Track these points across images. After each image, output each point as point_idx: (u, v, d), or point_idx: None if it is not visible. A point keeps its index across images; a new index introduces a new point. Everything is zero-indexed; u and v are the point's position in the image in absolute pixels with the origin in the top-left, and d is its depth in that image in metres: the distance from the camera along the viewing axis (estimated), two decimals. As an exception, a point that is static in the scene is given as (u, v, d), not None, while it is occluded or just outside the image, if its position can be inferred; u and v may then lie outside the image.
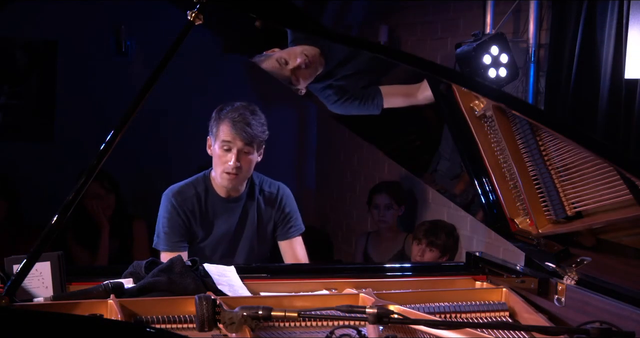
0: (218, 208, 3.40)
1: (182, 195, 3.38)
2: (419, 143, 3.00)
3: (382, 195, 5.24)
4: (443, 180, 3.04)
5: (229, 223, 3.41)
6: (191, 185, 3.42)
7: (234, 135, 3.25)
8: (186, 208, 3.36)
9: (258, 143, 3.32)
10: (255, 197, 3.44)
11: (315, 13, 5.94)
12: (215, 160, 3.33)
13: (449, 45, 5.10)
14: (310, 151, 7.26)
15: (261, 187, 3.46)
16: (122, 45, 6.28)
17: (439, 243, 4.49)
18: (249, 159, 3.30)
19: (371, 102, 2.78)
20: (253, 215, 3.43)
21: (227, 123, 3.26)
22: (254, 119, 3.29)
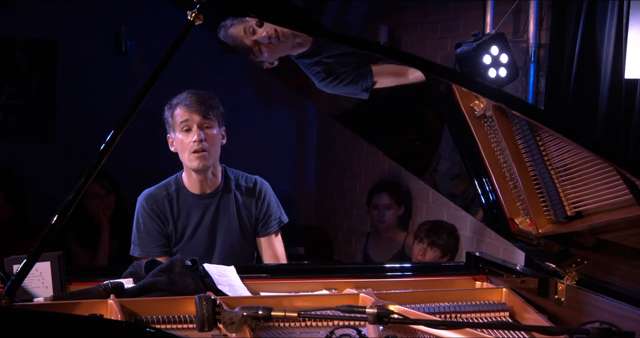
0: (192, 206, 3.37)
1: (153, 197, 3.37)
2: (419, 143, 3.00)
3: (382, 196, 5.24)
4: (443, 180, 3.04)
5: (205, 221, 3.38)
6: (162, 187, 3.41)
7: (189, 112, 3.27)
8: (158, 211, 3.34)
9: (216, 116, 3.31)
10: (232, 191, 3.40)
11: (315, 13, 5.94)
12: (180, 147, 3.32)
13: (449, 45, 5.10)
14: (310, 151, 7.26)
15: (237, 182, 3.43)
16: (122, 45, 6.28)
17: (440, 243, 4.50)
18: (212, 134, 3.28)
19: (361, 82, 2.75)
20: (232, 210, 3.40)
21: (180, 105, 3.29)
22: (205, 94, 3.33)
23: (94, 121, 5.31)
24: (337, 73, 2.76)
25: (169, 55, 2.40)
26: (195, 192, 3.38)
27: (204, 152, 3.27)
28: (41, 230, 2.26)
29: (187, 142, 3.28)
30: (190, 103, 3.28)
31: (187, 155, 3.29)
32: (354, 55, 2.74)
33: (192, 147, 3.27)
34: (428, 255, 4.50)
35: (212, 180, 3.38)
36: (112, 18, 6.25)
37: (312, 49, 2.75)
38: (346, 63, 2.75)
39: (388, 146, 3.18)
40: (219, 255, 3.37)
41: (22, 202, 5.07)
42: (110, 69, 6.33)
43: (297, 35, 2.72)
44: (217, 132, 3.31)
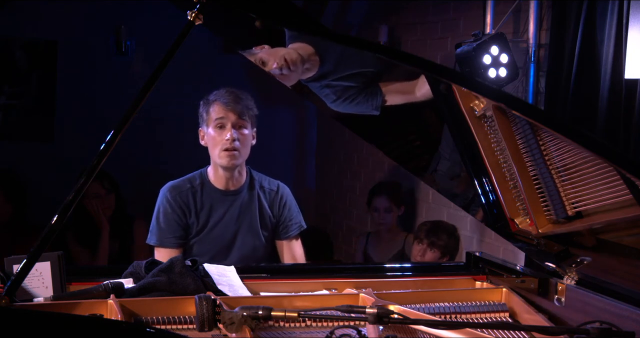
0: (215, 201, 3.41)
1: (177, 189, 3.40)
2: (419, 143, 3.00)
3: (382, 198, 5.24)
4: (443, 180, 3.04)
5: (228, 217, 3.41)
6: (187, 180, 3.45)
7: (225, 110, 3.31)
8: (181, 202, 3.38)
9: (250, 117, 3.36)
10: (256, 191, 3.45)
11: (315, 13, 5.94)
12: (211, 143, 3.36)
13: (449, 45, 5.10)
14: (310, 151, 7.26)
15: (261, 183, 3.48)
16: (122, 45, 6.28)
17: (440, 243, 4.49)
18: (244, 134, 3.34)
19: (371, 101, 2.78)
20: (254, 209, 3.43)
21: (217, 102, 3.34)
22: (242, 94, 3.38)
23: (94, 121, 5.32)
24: (346, 94, 2.80)
25: (169, 55, 2.40)
26: (220, 187, 3.42)
27: (235, 151, 3.32)
28: (41, 230, 2.26)
29: (219, 139, 3.32)
30: (227, 101, 3.33)
31: (218, 151, 3.33)
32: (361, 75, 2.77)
33: (224, 144, 3.31)
34: (427, 255, 4.50)
35: (237, 178, 3.42)
36: (112, 18, 6.25)
37: (320, 73, 2.78)
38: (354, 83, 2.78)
39: (388, 146, 3.18)
40: (237, 253, 3.41)
41: (22, 202, 5.07)
42: (110, 69, 6.33)
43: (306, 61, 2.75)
44: (249, 132, 3.37)
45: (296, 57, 2.74)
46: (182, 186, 3.42)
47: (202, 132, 3.41)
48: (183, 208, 3.38)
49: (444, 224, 4.70)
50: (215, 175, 3.42)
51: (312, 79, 2.81)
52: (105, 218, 4.83)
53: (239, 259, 3.34)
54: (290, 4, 2.49)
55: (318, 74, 2.79)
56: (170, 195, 3.39)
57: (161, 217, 3.39)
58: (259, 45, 2.80)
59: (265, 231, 3.46)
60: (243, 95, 3.39)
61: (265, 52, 2.81)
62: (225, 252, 3.39)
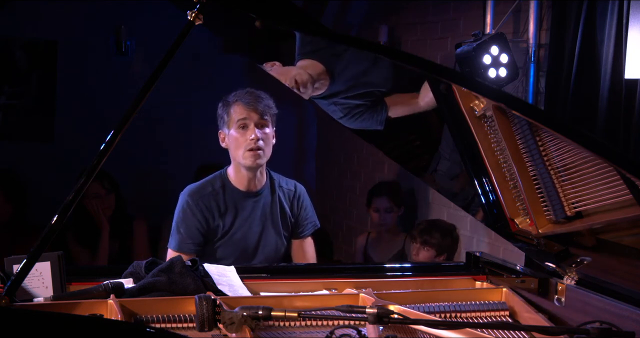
0: (240, 202, 3.39)
1: (199, 193, 3.37)
2: (419, 143, 3.00)
3: (382, 199, 5.23)
4: (443, 180, 3.04)
5: (252, 218, 3.39)
6: (208, 183, 3.42)
7: (248, 110, 3.30)
8: (203, 206, 3.35)
9: (271, 116, 3.36)
10: (276, 192, 3.45)
11: (315, 13, 5.94)
12: (234, 144, 3.33)
13: (449, 45, 5.10)
14: (310, 151, 7.26)
15: (279, 183, 3.48)
16: (122, 45, 6.28)
17: (433, 242, 4.50)
18: (267, 134, 3.32)
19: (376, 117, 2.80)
20: (276, 210, 3.43)
21: (239, 103, 3.33)
22: (262, 94, 3.38)
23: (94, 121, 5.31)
24: (354, 112, 2.82)
25: (169, 55, 2.40)
26: (242, 188, 3.39)
27: (259, 150, 3.30)
28: (41, 230, 2.26)
29: (242, 140, 3.30)
30: (249, 101, 3.32)
31: (242, 152, 3.31)
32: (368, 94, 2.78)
33: (248, 144, 3.29)
34: (421, 254, 4.51)
35: (259, 179, 3.41)
36: (112, 18, 6.25)
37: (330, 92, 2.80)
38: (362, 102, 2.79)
39: (388, 146, 3.18)
40: (262, 253, 3.40)
41: (22, 202, 5.07)
42: (110, 69, 6.33)
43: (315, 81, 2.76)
44: (271, 131, 3.36)
45: (307, 78, 2.76)
46: (203, 190, 3.38)
47: (223, 134, 3.38)
48: (204, 213, 3.35)
49: (440, 223, 4.70)
50: (237, 176, 3.39)
51: (320, 96, 2.83)
52: (105, 218, 4.83)
53: (263, 260, 3.35)
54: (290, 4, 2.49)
55: (328, 93, 2.81)
56: (191, 200, 3.36)
57: (181, 222, 3.36)
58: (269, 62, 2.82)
59: (286, 231, 3.47)
60: (263, 95, 3.38)
61: (275, 71, 2.84)
62: (250, 254, 3.37)
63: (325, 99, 2.83)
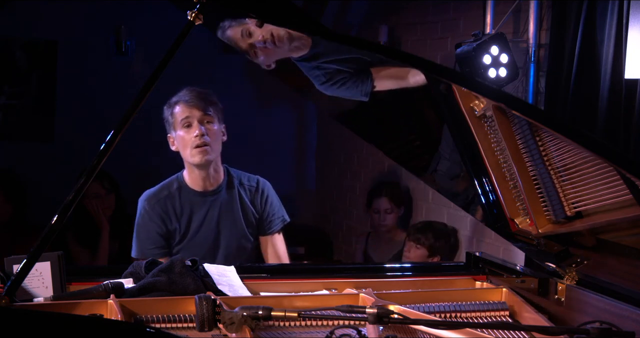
0: (195, 204, 3.37)
1: (155, 197, 3.37)
2: (419, 143, 3.00)
3: (382, 200, 5.23)
4: (443, 180, 3.04)
5: (209, 218, 3.37)
6: (164, 186, 3.41)
7: (189, 108, 3.28)
8: (160, 210, 3.34)
9: (216, 112, 3.32)
10: (235, 189, 3.41)
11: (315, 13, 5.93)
12: (181, 144, 3.31)
13: (449, 45, 5.10)
14: (310, 151, 7.26)
15: (240, 180, 3.44)
16: (122, 45, 6.28)
17: (424, 242, 4.52)
18: (213, 129, 3.29)
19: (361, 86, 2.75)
20: (236, 207, 3.40)
21: (180, 103, 3.30)
22: (203, 90, 3.34)
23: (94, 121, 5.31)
24: (336, 78, 2.77)
25: (169, 55, 2.40)
26: (198, 189, 3.38)
27: (205, 146, 3.27)
28: (41, 230, 2.26)
29: (188, 138, 3.28)
30: (189, 99, 3.29)
31: (189, 150, 3.29)
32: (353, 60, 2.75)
33: (193, 142, 3.27)
34: (412, 252, 4.53)
35: (215, 177, 3.38)
36: (112, 18, 6.25)
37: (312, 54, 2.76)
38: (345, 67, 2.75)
39: (388, 146, 3.18)
40: (223, 253, 3.38)
41: (22, 202, 5.07)
42: (110, 69, 6.33)
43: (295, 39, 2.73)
44: (218, 127, 3.32)
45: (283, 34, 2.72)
46: (159, 194, 3.38)
47: (172, 138, 3.37)
48: (162, 217, 3.34)
49: (436, 225, 4.71)
50: (191, 177, 3.38)
51: (303, 58, 2.78)
52: (105, 218, 4.83)
53: (225, 259, 3.29)
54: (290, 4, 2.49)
55: (309, 54, 2.77)
56: (148, 205, 3.36)
57: (141, 229, 3.36)
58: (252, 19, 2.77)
59: (251, 228, 3.43)
60: (205, 91, 3.35)
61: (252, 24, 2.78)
62: (211, 254, 3.34)
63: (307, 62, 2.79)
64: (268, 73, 2.94)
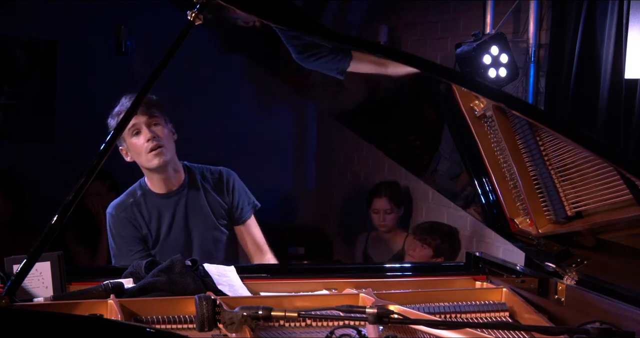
0: (161, 206, 3.36)
1: (121, 206, 3.36)
2: (419, 143, 3.00)
3: (382, 200, 5.23)
4: (443, 180, 3.04)
5: (177, 218, 3.36)
6: (128, 194, 3.40)
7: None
8: (129, 218, 3.33)
9: (161, 113, 3.29)
10: (199, 184, 3.39)
11: (315, 13, 5.94)
12: (135, 152, 3.28)
13: (449, 45, 5.10)
14: (310, 151, 7.26)
15: (202, 175, 3.42)
16: (122, 45, 6.28)
17: (431, 242, 4.51)
18: (162, 130, 3.27)
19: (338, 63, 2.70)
20: (202, 203, 3.38)
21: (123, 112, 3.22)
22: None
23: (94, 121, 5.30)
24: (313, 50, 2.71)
25: (169, 55, 2.40)
26: (161, 191, 3.36)
27: (160, 147, 3.25)
28: (41, 230, 2.26)
29: (140, 145, 3.26)
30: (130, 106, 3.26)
31: (144, 156, 3.26)
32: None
33: (147, 147, 3.25)
34: (417, 251, 4.52)
35: (175, 177, 3.37)
36: (112, 18, 6.25)
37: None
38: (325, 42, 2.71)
39: (388, 146, 3.18)
40: (198, 250, 3.36)
41: (22, 202, 5.08)
42: (110, 69, 6.33)
43: None
44: (166, 128, 3.30)
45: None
46: (124, 202, 3.37)
47: (124, 150, 3.33)
48: (133, 223, 3.33)
49: (443, 227, 4.71)
50: (152, 182, 3.36)
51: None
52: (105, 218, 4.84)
53: (204, 255, 3.26)
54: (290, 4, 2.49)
55: None
56: (115, 214, 3.35)
57: (116, 238, 3.35)
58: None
59: (222, 220, 3.41)
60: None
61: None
62: (186, 252, 3.31)
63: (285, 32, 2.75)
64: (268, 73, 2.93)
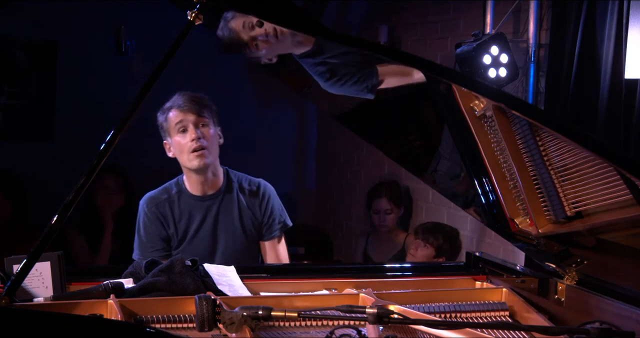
0: (194, 208, 3.35)
1: (154, 201, 3.35)
2: (419, 143, 3.00)
3: (382, 201, 5.23)
4: (443, 180, 3.04)
5: (207, 222, 3.35)
6: (163, 190, 3.39)
7: (183, 112, 3.25)
8: (159, 214, 3.32)
9: (210, 115, 3.29)
10: (235, 193, 3.37)
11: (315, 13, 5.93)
12: (178, 150, 3.28)
13: (449, 45, 5.10)
14: (310, 151, 7.26)
15: (240, 184, 3.40)
16: (122, 45, 6.27)
17: (434, 242, 4.51)
18: (208, 132, 3.26)
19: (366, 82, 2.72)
20: (234, 212, 3.36)
21: (173, 108, 3.27)
22: (195, 94, 3.32)
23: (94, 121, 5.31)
24: (341, 73, 2.73)
25: (169, 55, 2.40)
26: (197, 193, 3.35)
27: (202, 149, 3.24)
28: (41, 230, 2.26)
29: (184, 143, 3.25)
30: (182, 103, 3.26)
31: (186, 155, 3.26)
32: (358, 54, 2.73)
33: (190, 146, 3.24)
34: (420, 250, 4.52)
35: (213, 181, 3.35)
36: (112, 18, 6.25)
37: (315, 49, 2.73)
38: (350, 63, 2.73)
39: (388, 146, 3.18)
40: (221, 257, 3.34)
41: (22, 202, 5.07)
42: (110, 69, 6.33)
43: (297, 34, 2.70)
44: (214, 130, 3.30)
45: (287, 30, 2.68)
46: (158, 197, 3.36)
47: (167, 144, 3.34)
48: (161, 220, 3.32)
49: (445, 227, 4.72)
50: (189, 182, 3.35)
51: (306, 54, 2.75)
52: (110, 214, 4.85)
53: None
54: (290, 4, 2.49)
55: (312, 50, 2.73)
56: (147, 208, 3.34)
57: (142, 231, 3.34)
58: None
59: (249, 233, 3.38)
60: (198, 95, 3.32)
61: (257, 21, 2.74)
62: (209, 257, 3.30)
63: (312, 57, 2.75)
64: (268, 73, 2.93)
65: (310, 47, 2.73)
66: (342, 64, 2.73)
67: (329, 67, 2.73)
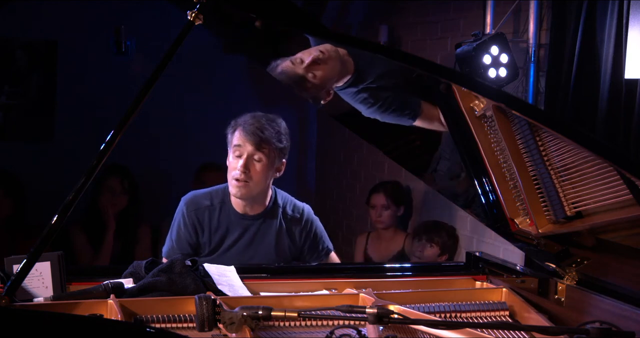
0: (232, 223, 3.27)
1: (196, 204, 3.27)
2: (419, 143, 3.00)
3: (379, 196, 5.22)
4: (443, 180, 3.04)
5: (242, 241, 3.27)
6: (208, 194, 3.30)
7: (244, 138, 3.16)
8: (195, 219, 3.24)
9: (272, 150, 3.20)
10: (278, 218, 3.30)
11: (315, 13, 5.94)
12: (229, 168, 3.23)
13: (449, 45, 5.10)
14: (310, 151, 7.26)
15: (284, 209, 3.32)
16: (122, 45, 6.27)
17: (439, 240, 4.52)
18: (259, 167, 3.17)
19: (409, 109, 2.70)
20: (271, 236, 3.29)
21: (240, 129, 3.18)
22: (268, 124, 3.20)
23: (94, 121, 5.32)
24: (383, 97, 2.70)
25: (169, 55, 2.40)
26: (238, 210, 3.27)
27: (245, 182, 3.17)
28: (41, 230, 2.26)
29: (232, 167, 3.19)
30: (248, 129, 3.17)
31: (230, 179, 3.20)
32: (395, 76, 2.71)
33: (234, 174, 3.17)
34: (427, 251, 4.51)
35: (254, 207, 3.27)
36: (112, 18, 6.25)
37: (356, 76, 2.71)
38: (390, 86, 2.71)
39: (388, 146, 3.18)
40: None
41: (22, 201, 5.08)
42: (110, 69, 6.33)
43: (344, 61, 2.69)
44: (268, 165, 3.20)
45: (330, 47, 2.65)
46: (201, 202, 3.27)
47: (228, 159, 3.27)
48: (196, 226, 3.24)
49: (442, 224, 4.72)
50: (233, 198, 3.28)
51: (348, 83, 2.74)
52: (112, 215, 4.85)
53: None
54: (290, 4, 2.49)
55: (354, 77, 2.71)
56: (186, 211, 3.26)
57: (174, 233, 3.28)
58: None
59: (281, 257, 3.30)
60: (269, 124, 3.21)
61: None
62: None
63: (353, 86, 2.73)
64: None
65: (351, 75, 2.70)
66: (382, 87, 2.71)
67: (370, 93, 2.71)
